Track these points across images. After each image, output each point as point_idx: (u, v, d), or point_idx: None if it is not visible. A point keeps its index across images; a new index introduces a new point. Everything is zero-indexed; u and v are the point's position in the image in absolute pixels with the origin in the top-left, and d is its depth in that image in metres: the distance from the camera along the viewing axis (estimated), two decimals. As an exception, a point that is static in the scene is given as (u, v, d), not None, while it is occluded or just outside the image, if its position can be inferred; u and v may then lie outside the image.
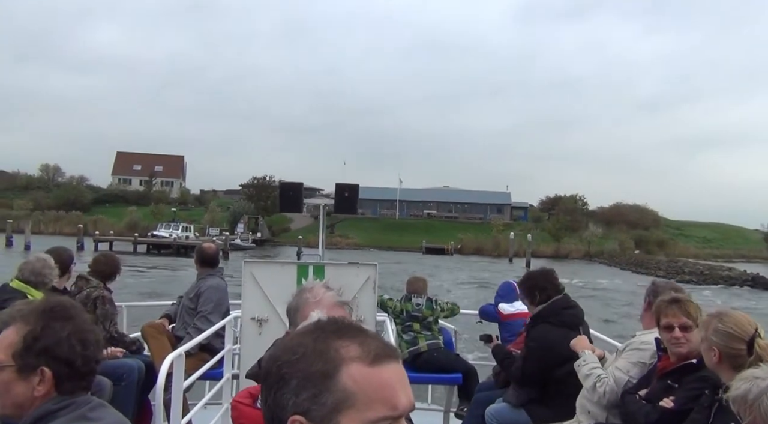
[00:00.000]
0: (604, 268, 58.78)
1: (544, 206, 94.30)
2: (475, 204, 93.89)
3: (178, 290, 8.75)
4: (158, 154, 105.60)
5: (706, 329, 2.79)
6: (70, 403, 1.76)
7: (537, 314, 4.31)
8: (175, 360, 3.88)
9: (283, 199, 7.24)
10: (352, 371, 1.07)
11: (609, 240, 75.36)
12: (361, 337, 1.12)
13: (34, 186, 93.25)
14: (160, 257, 53.11)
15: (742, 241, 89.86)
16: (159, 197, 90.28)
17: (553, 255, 69.57)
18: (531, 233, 67.89)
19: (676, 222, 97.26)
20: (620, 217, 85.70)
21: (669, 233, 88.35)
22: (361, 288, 4.98)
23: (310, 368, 1.07)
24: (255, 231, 75.01)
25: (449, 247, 72.08)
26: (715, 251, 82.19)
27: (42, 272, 4.34)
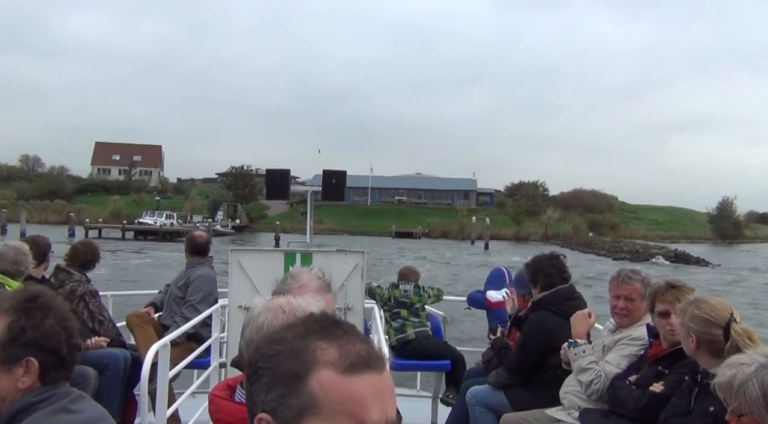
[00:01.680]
0: (559, 249, 62.92)
1: (508, 192, 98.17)
2: (443, 191, 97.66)
3: (167, 273, 9.77)
4: (136, 144, 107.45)
5: (683, 315, 2.77)
6: (50, 395, 1.74)
7: (538, 301, 4.22)
8: (160, 350, 3.82)
9: (269, 187, 7.20)
10: (321, 376, 1.02)
11: (565, 223, 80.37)
12: (343, 339, 1.06)
13: (15, 176, 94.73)
14: (146, 242, 57.10)
15: (690, 223, 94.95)
16: (139, 186, 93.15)
17: (514, 237, 75.26)
18: (493, 218, 74.32)
19: (633, 206, 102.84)
20: (578, 202, 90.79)
21: (624, 217, 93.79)
22: (349, 275, 4.91)
23: (282, 365, 1.04)
24: (234, 218, 78.39)
25: (417, 231, 76.61)
26: (663, 232, 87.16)
27: (16, 259, 4.22)
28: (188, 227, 64.13)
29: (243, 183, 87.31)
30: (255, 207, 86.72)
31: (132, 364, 4.66)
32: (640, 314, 3.61)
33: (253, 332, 1.66)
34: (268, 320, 1.66)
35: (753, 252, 66.88)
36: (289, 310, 1.68)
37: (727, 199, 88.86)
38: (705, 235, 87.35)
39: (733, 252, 67.88)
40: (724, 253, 64.49)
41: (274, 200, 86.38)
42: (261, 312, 1.70)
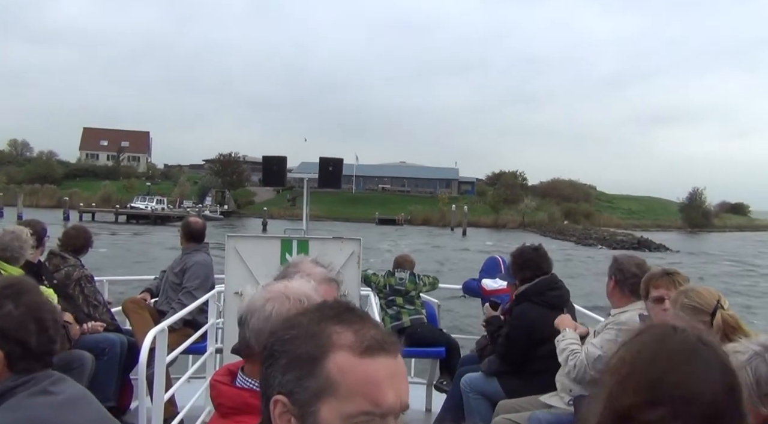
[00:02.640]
0: (534, 236, 64.68)
1: (489, 181, 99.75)
2: (426, 179, 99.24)
3: (164, 253, 10.12)
4: (124, 130, 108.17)
5: (674, 305, 2.82)
6: (29, 379, 1.74)
7: (521, 293, 4.23)
8: (157, 335, 3.80)
9: (266, 174, 7.16)
10: (338, 359, 1.04)
11: (541, 212, 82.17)
12: (358, 324, 1.08)
13: (4, 161, 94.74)
14: (139, 225, 59.03)
15: (663, 212, 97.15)
16: (127, 172, 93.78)
17: (492, 225, 77.05)
18: (472, 206, 75.98)
19: (609, 195, 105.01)
20: (555, 191, 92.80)
21: (599, 206, 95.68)
22: (345, 263, 4.88)
23: (299, 349, 1.05)
24: (222, 203, 79.57)
25: (400, 218, 78.05)
26: (636, 221, 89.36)
27: (11, 245, 4.12)
28: (179, 211, 66.03)
29: (231, 170, 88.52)
30: (242, 193, 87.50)
31: (128, 349, 4.68)
32: (608, 292, 3.68)
33: (260, 322, 1.69)
34: (275, 308, 1.69)
35: (715, 240, 69.35)
36: (293, 296, 1.72)
37: (697, 190, 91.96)
38: (675, 224, 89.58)
39: (697, 240, 70.31)
40: (688, 240, 67.06)
41: (260, 187, 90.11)
42: (266, 302, 1.72)
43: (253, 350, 1.68)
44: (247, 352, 1.72)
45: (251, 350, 1.69)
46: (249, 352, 1.71)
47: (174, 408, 4.49)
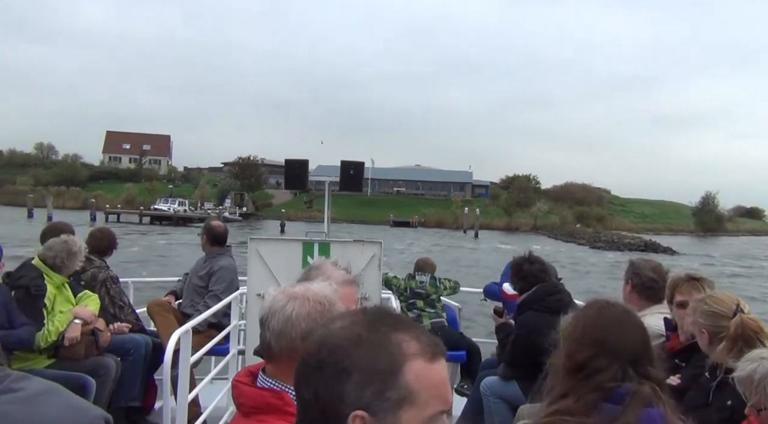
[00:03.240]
0: (545, 238, 66.10)
1: (503, 184, 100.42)
2: (440, 182, 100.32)
3: (188, 252, 10.27)
4: (146, 134, 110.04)
5: (694, 312, 2.80)
6: None
7: (522, 302, 4.26)
8: (182, 336, 3.82)
9: (288, 177, 7.14)
10: (414, 367, 1.06)
11: (553, 215, 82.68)
12: (416, 331, 1.12)
13: (31, 164, 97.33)
14: (162, 226, 60.58)
15: (676, 216, 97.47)
16: (149, 175, 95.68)
17: (505, 228, 77.74)
18: (485, 209, 77.05)
19: (623, 199, 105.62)
20: (569, 195, 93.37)
21: (612, 210, 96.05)
22: (366, 265, 4.88)
23: (375, 362, 1.05)
24: (241, 206, 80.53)
25: (414, 220, 78.84)
26: (648, 225, 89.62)
27: (60, 254, 4.21)
28: (200, 213, 68.20)
29: (249, 173, 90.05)
30: (260, 196, 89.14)
31: (152, 349, 4.70)
32: (624, 296, 3.65)
33: (281, 323, 1.70)
34: (295, 309, 1.71)
35: (725, 244, 69.41)
36: (313, 297, 1.74)
37: (709, 194, 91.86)
38: (688, 228, 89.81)
39: (706, 243, 70.22)
40: (697, 244, 67.47)
41: (278, 190, 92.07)
42: (286, 303, 1.73)
43: (273, 351, 1.71)
44: (268, 353, 1.73)
45: (271, 351, 1.71)
46: (270, 353, 1.72)
47: (197, 408, 4.49)
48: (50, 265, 4.23)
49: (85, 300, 4.42)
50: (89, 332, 4.28)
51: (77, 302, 4.38)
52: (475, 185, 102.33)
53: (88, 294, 4.50)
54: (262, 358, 1.93)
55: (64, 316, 4.19)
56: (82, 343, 4.20)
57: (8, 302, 3.93)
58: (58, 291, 4.28)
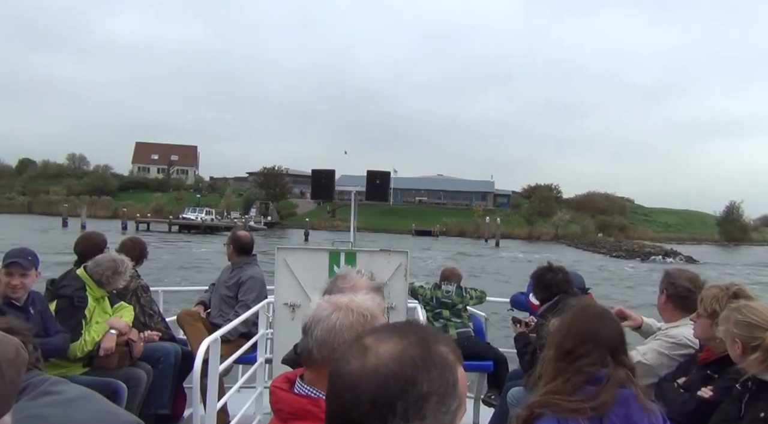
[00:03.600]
0: (566, 248, 66.09)
1: (524, 194, 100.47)
2: (462, 192, 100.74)
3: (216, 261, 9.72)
4: (174, 145, 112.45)
5: (727, 322, 2.74)
6: (26, 385, 1.76)
7: (543, 312, 4.21)
8: (211, 345, 3.84)
9: (315, 187, 7.12)
10: (459, 373, 1.13)
11: (575, 224, 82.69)
12: (444, 338, 1.17)
13: (64, 174, 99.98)
14: (191, 235, 62.19)
15: (701, 225, 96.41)
16: (177, 185, 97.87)
17: (527, 237, 77.83)
18: (507, 218, 77.42)
19: (647, 209, 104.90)
20: (591, 204, 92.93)
21: (635, 219, 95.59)
22: (392, 275, 4.87)
23: (444, 380, 1.09)
24: (266, 215, 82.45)
25: (435, 229, 79.36)
26: (672, 234, 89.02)
27: (107, 272, 4.29)
28: (226, 222, 69.81)
29: (274, 183, 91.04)
30: (285, 205, 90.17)
31: (182, 358, 4.74)
32: (660, 306, 3.58)
33: (324, 332, 1.72)
34: (339, 319, 1.73)
35: (749, 253, 68.28)
36: (356, 309, 1.76)
37: (734, 203, 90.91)
38: (712, 237, 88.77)
39: (729, 252, 69.73)
40: (720, 253, 66.92)
41: (301, 199, 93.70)
42: (331, 312, 1.75)
43: (314, 358, 1.72)
44: (308, 360, 1.74)
45: (312, 358, 1.73)
46: (310, 360, 1.74)
47: (226, 416, 4.48)
48: (95, 280, 4.31)
49: (121, 311, 4.50)
50: (123, 343, 4.34)
51: (113, 312, 4.46)
52: (497, 195, 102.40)
53: (124, 305, 4.58)
54: (291, 367, 1.91)
55: (101, 326, 4.26)
56: (116, 353, 4.26)
57: (45, 309, 4.01)
58: (97, 303, 4.37)
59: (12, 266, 3.79)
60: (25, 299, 3.86)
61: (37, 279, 3.99)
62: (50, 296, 4.25)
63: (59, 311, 4.14)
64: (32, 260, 3.88)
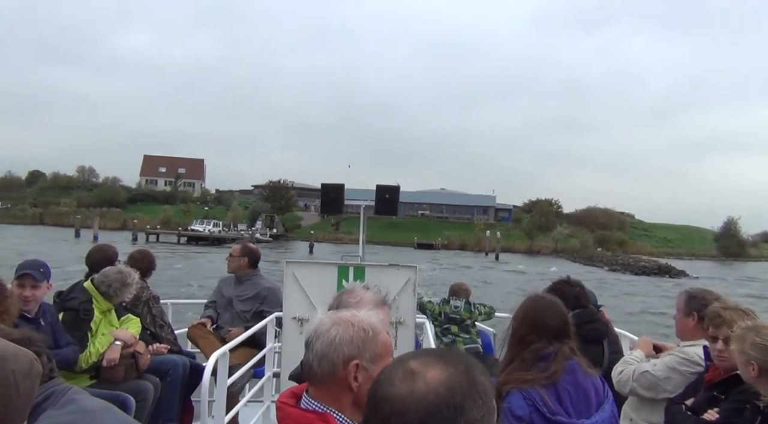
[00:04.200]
0: (565, 261, 66.59)
1: (525, 208, 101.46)
2: (464, 206, 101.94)
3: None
4: (181, 158, 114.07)
5: (741, 342, 2.67)
6: (50, 393, 1.82)
7: None
8: (219, 359, 3.80)
9: (324, 201, 7.07)
10: (495, 404, 1.16)
11: (574, 239, 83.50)
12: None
13: (74, 186, 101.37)
14: (198, 246, 63.63)
15: (700, 241, 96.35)
16: (184, 197, 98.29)
17: (527, 251, 78.53)
18: (508, 232, 78.17)
19: (647, 224, 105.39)
20: (590, 219, 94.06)
21: (635, 234, 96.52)
22: (401, 290, 4.84)
23: (490, 409, 1.11)
24: (271, 227, 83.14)
25: (437, 243, 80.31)
26: (670, 250, 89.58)
27: (114, 284, 4.26)
28: (233, 234, 70.67)
29: (279, 196, 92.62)
30: (290, 218, 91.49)
31: (189, 371, 4.73)
32: (684, 328, 3.49)
33: (324, 346, 1.71)
34: (339, 333, 1.72)
35: (745, 269, 68.91)
36: (357, 324, 1.75)
37: (731, 219, 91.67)
38: (710, 253, 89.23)
39: (725, 268, 69.88)
40: (715, 268, 67.53)
41: (306, 212, 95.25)
42: (331, 326, 1.74)
43: (315, 373, 1.71)
44: (310, 375, 1.73)
45: (313, 373, 1.72)
46: (312, 375, 1.73)
47: None
48: (102, 292, 4.28)
49: (127, 323, 4.49)
50: (129, 355, 4.30)
51: (120, 325, 4.45)
52: (499, 209, 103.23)
53: (131, 318, 4.56)
54: (297, 382, 1.91)
55: (106, 338, 4.25)
56: (121, 365, 4.23)
57: (55, 321, 4.02)
58: (104, 316, 4.35)
59: (24, 277, 3.80)
60: (36, 310, 3.86)
61: (49, 291, 4.00)
62: (57, 308, 4.25)
63: (65, 323, 4.14)
64: (44, 272, 3.89)
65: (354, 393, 1.71)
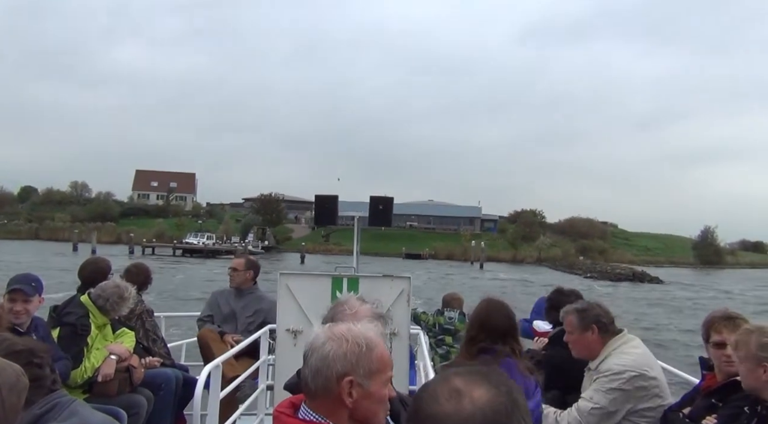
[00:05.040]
0: (547, 270, 68.76)
1: (510, 219, 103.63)
2: (451, 217, 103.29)
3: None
4: (173, 172, 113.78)
5: (746, 347, 2.59)
6: (54, 404, 1.86)
7: (553, 337, 4.18)
8: (212, 371, 3.78)
9: (318, 212, 6.96)
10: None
11: (556, 248, 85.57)
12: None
13: (67, 201, 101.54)
14: (193, 258, 64.74)
15: (680, 249, 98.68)
16: (176, 211, 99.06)
17: (511, 260, 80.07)
18: (493, 242, 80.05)
19: (629, 233, 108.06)
20: (573, 228, 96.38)
21: (616, 243, 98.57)
22: (395, 301, 4.79)
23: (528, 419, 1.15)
24: (263, 239, 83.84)
25: (425, 253, 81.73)
26: (650, 258, 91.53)
27: (112, 298, 4.21)
28: (227, 246, 72.36)
29: (270, 209, 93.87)
30: (280, 230, 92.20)
31: (182, 384, 4.68)
32: (587, 346, 3.55)
33: (318, 361, 1.71)
34: (333, 349, 1.71)
35: (720, 276, 70.95)
36: (352, 338, 1.73)
37: (708, 228, 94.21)
38: (689, 261, 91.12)
39: (700, 275, 71.87)
40: (690, 275, 69.61)
41: (297, 224, 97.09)
42: (326, 341, 1.73)
43: (310, 388, 1.71)
44: (306, 389, 1.73)
45: (308, 387, 1.71)
46: (307, 389, 1.72)
47: None
48: (99, 306, 4.22)
49: (122, 337, 4.43)
50: (124, 369, 4.25)
51: (114, 339, 4.38)
52: (485, 220, 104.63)
53: (125, 331, 4.51)
54: (292, 392, 1.93)
55: (100, 353, 4.18)
56: (115, 379, 4.17)
57: (47, 335, 3.96)
58: (99, 330, 4.30)
59: (15, 292, 3.76)
60: (28, 324, 3.81)
61: (41, 305, 3.95)
62: (53, 323, 4.19)
63: (62, 338, 4.07)
64: (35, 286, 3.85)
65: (349, 409, 1.70)
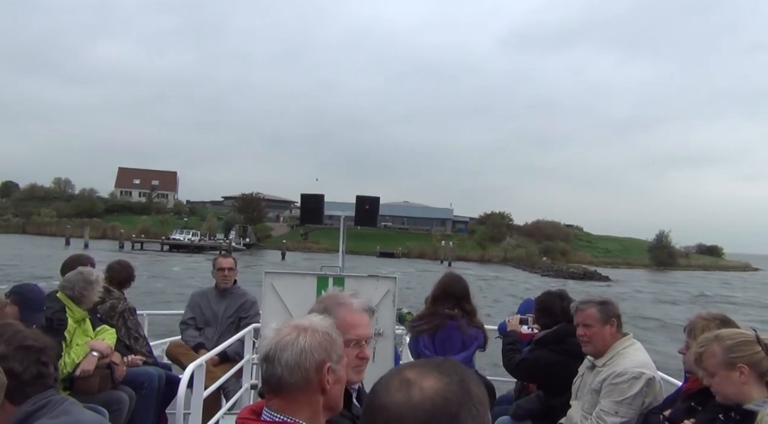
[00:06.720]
0: (511, 268, 72.63)
1: (480, 220, 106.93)
2: (423, 218, 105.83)
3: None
4: (155, 170, 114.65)
5: (713, 356, 2.51)
6: (46, 402, 1.85)
7: (539, 339, 4.08)
8: (195, 370, 3.72)
9: (304, 211, 7.02)
10: (489, 416, 1.18)
11: (521, 249, 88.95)
12: (479, 380, 1.20)
13: (50, 197, 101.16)
14: (180, 253, 66.94)
15: (637, 252, 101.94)
16: (158, 208, 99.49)
17: (479, 259, 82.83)
18: (462, 242, 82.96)
19: (592, 235, 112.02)
20: (538, 230, 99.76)
21: (578, 245, 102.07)
22: (380, 301, 4.76)
23: (485, 420, 1.13)
24: (244, 237, 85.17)
25: (398, 252, 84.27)
26: (608, 259, 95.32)
27: (78, 285, 4.12)
28: (211, 242, 74.50)
29: (252, 207, 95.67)
30: (261, 228, 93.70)
31: (165, 383, 4.65)
32: (604, 340, 3.44)
33: (295, 356, 1.72)
34: (308, 340, 1.74)
35: (669, 277, 74.12)
36: (320, 328, 1.79)
37: (663, 232, 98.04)
38: (644, 262, 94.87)
39: (653, 276, 75.38)
40: (641, 276, 73.66)
41: (276, 223, 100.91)
42: (297, 336, 1.77)
43: (285, 384, 1.69)
44: (279, 386, 1.70)
45: (283, 384, 1.70)
46: (280, 387, 1.70)
47: None
48: (70, 296, 4.12)
49: (103, 334, 4.36)
50: (105, 366, 4.18)
51: (95, 335, 4.31)
52: (456, 221, 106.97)
53: (106, 328, 4.45)
54: (263, 397, 1.86)
55: (81, 348, 4.10)
56: (96, 376, 4.10)
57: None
58: (78, 325, 4.20)
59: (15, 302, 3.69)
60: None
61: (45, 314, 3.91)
62: None
63: None
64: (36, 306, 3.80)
65: (326, 396, 1.74)
